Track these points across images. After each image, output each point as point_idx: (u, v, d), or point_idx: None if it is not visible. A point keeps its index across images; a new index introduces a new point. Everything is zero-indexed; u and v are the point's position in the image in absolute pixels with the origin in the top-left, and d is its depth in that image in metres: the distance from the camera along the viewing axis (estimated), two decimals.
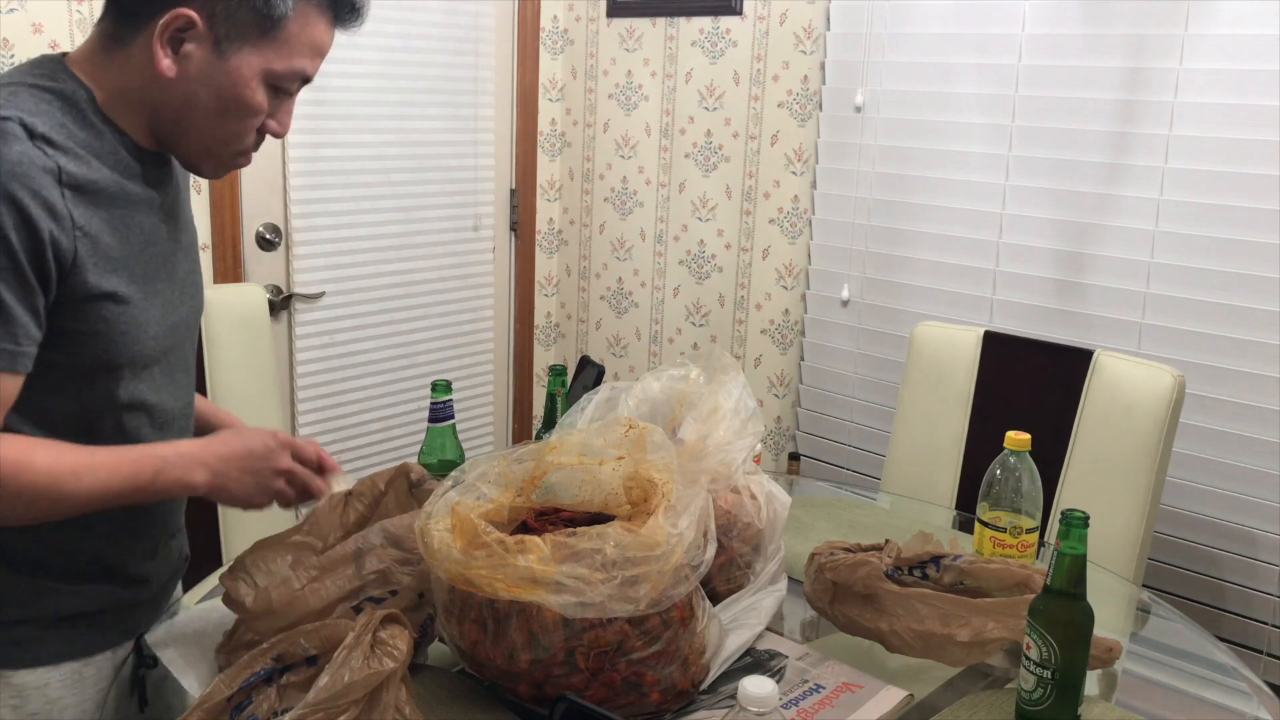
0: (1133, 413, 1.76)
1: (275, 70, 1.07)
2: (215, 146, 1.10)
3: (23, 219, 0.95)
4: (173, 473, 1.07)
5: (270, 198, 2.46)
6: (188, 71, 1.04)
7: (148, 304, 1.09)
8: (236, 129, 1.09)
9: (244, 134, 1.10)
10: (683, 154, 2.79)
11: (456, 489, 1.07)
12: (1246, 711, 1.20)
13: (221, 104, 1.06)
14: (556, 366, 1.62)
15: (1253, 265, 1.94)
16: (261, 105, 1.08)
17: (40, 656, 1.12)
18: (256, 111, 1.08)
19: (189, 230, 1.22)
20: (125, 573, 1.18)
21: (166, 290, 1.13)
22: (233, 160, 1.13)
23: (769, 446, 2.72)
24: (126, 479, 1.04)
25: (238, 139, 1.10)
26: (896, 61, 2.37)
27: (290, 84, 1.10)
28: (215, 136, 1.09)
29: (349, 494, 1.19)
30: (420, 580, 1.10)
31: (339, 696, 0.88)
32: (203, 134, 1.09)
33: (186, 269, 1.20)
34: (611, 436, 1.13)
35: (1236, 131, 1.93)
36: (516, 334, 3.09)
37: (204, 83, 1.05)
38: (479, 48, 2.78)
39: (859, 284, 2.50)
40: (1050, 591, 1.04)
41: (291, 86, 1.10)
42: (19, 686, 1.11)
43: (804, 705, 1.11)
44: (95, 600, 1.15)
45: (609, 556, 0.98)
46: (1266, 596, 1.97)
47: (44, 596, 1.11)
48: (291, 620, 1.05)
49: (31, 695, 1.11)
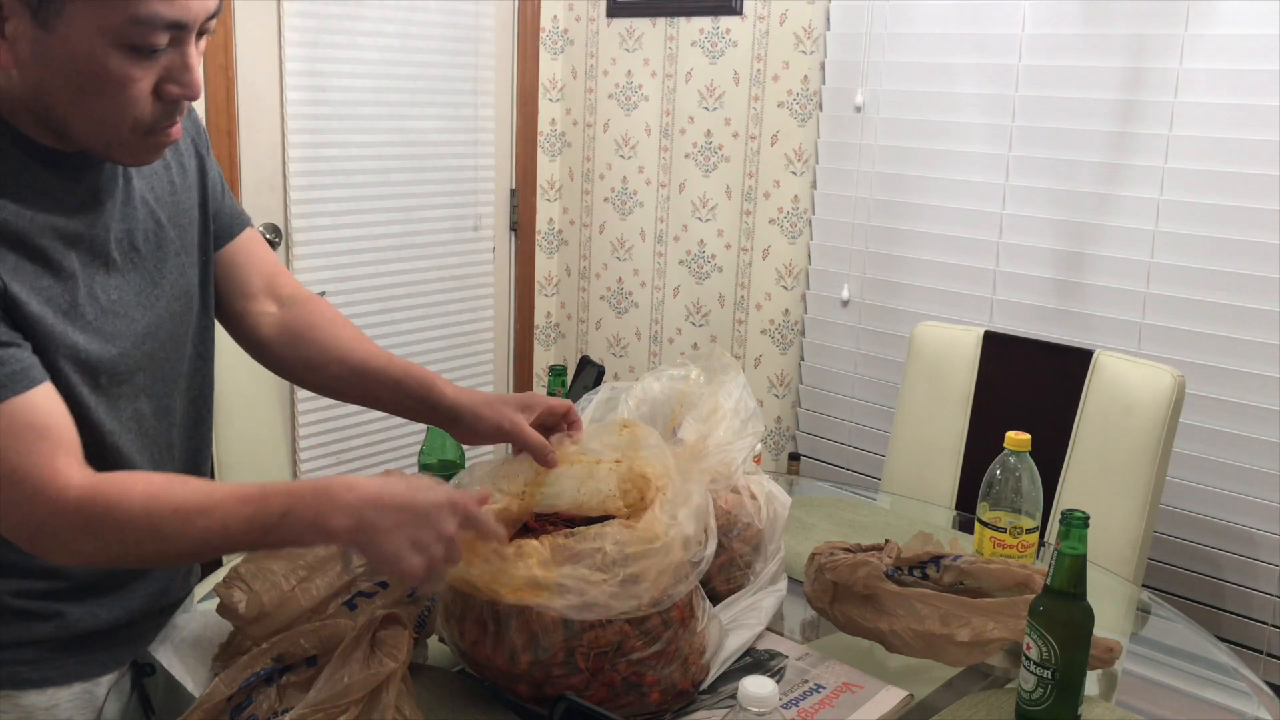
0: (1133, 413, 1.76)
1: (114, 25, 0.86)
2: (104, 131, 0.93)
3: None
4: (305, 514, 0.91)
5: (270, 198, 2.46)
6: (21, 56, 0.88)
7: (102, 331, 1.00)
8: (110, 107, 0.90)
9: (126, 110, 0.91)
10: (683, 154, 2.79)
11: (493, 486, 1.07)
12: (1246, 711, 1.20)
13: (74, 85, 0.89)
14: (556, 366, 1.62)
15: (1253, 265, 1.94)
16: (123, 73, 0.88)
17: (51, 677, 1.08)
18: (120, 83, 0.88)
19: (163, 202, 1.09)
20: (142, 590, 1.15)
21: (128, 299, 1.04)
22: (142, 142, 0.95)
23: (769, 446, 2.72)
24: (245, 521, 0.90)
25: (122, 118, 0.91)
26: (896, 61, 2.37)
27: (150, 37, 0.88)
28: (94, 121, 0.91)
29: None
30: None
31: (339, 696, 0.88)
32: (79, 122, 0.92)
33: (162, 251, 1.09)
34: (608, 439, 1.12)
35: (1236, 131, 1.93)
36: (516, 334, 3.09)
37: (43, 64, 0.88)
38: (479, 48, 2.78)
39: (859, 284, 2.50)
40: (1050, 591, 1.04)
41: (155, 40, 0.88)
42: (27, 708, 1.07)
43: (804, 705, 1.11)
44: (109, 619, 1.12)
45: (609, 554, 0.98)
46: (1266, 596, 1.97)
47: (57, 617, 1.08)
48: (285, 622, 1.05)
49: (39, 716, 1.08)
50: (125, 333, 1.04)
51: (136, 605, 1.15)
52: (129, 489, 0.91)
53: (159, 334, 1.09)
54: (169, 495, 0.91)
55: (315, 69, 2.44)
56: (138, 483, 0.92)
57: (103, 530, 0.90)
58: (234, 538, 0.92)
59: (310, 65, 2.43)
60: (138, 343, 1.05)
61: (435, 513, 0.93)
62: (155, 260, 1.08)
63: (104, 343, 1.01)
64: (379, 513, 0.91)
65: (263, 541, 0.93)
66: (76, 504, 0.90)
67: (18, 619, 1.06)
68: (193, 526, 0.91)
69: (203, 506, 0.91)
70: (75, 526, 0.90)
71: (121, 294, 1.03)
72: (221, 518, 0.91)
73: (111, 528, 0.90)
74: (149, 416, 1.10)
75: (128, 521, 0.90)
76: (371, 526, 0.91)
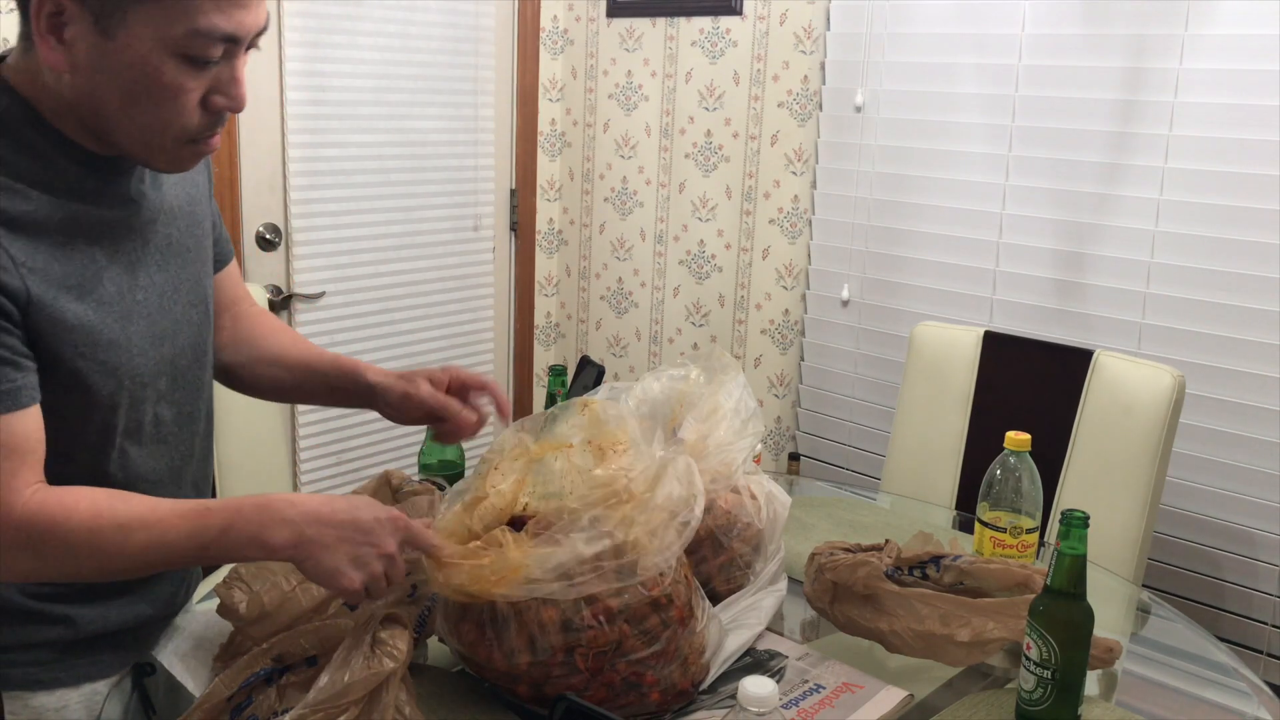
0: (1133, 413, 1.76)
1: (174, 36, 0.88)
2: (149, 138, 0.95)
3: None
4: (246, 529, 0.93)
5: (270, 198, 2.46)
6: (78, 61, 0.90)
7: (124, 325, 1.01)
8: (160, 115, 0.93)
9: (174, 119, 0.93)
10: (683, 154, 2.79)
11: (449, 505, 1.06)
12: (1246, 711, 1.20)
13: (127, 91, 0.91)
14: (556, 366, 1.63)
15: (1253, 265, 1.94)
16: (176, 82, 0.91)
17: (61, 679, 1.09)
18: (173, 92, 0.91)
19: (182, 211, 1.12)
20: (151, 593, 1.15)
21: (151, 300, 1.06)
22: (184, 150, 0.97)
23: (769, 446, 2.72)
24: (186, 536, 0.92)
25: (168, 127, 0.94)
26: (896, 61, 2.37)
27: (206, 50, 0.90)
28: (141, 127, 0.94)
29: None
30: (412, 569, 1.09)
31: (339, 696, 0.88)
32: (126, 128, 0.94)
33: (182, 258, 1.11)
34: (572, 421, 1.12)
35: (1236, 131, 1.93)
36: (516, 334, 3.09)
37: (99, 70, 0.90)
38: (479, 48, 2.78)
39: (859, 284, 2.50)
40: (1050, 591, 1.04)
41: (210, 52, 0.91)
42: (37, 709, 1.08)
43: (804, 705, 1.11)
44: (118, 621, 1.12)
45: (572, 509, 0.99)
46: (1266, 596, 1.97)
47: (66, 620, 1.08)
48: (285, 622, 1.05)
49: (49, 718, 1.08)
50: (146, 334, 1.05)
51: (146, 608, 1.16)
52: (73, 506, 0.92)
53: (178, 339, 1.10)
54: (111, 512, 0.93)
55: (315, 69, 2.44)
56: (82, 499, 0.93)
57: (44, 547, 0.92)
58: (174, 551, 0.93)
59: (310, 65, 2.43)
60: (157, 344, 1.06)
61: (376, 529, 0.95)
62: (176, 266, 1.10)
63: (126, 342, 1.02)
64: (320, 528, 0.93)
65: (203, 556, 0.94)
66: (20, 520, 0.91)
67: (28, 621, 1.07)
68: (133, 541, 0.92)
69: (145, 521, 0.92)
70: (16, 544, 0.91)
71: (146, 295, 1.05)
72: (161, 532, 0.92)
73: (53, 544, 0.92)
74: (169, 422, 1.11)
75: (69, 535, 0.91)
76: (311, 542, 0.93)
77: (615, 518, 1.00)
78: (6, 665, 1.07)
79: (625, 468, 1.03)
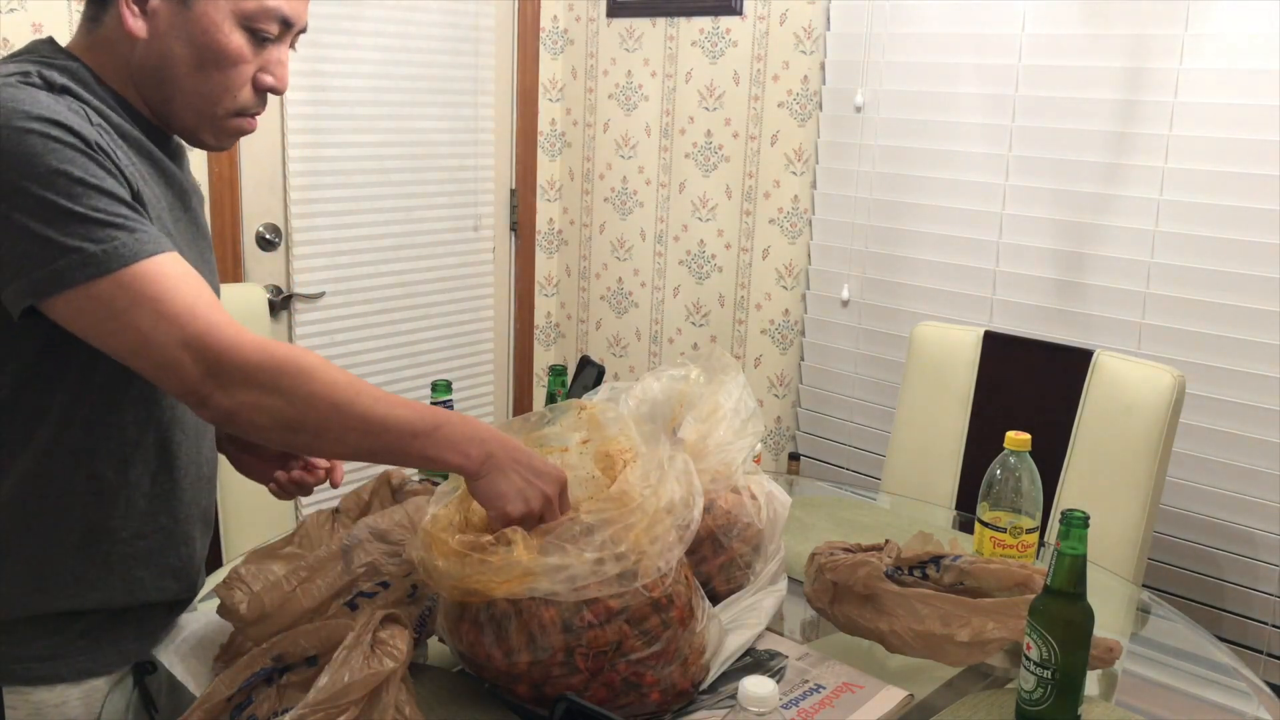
0: (1133, 413, 1.76)
1: (246, 10, 1.04)
2: (205, 106, 1.07)
3: (77, 136, 0.94)
4: (453, 434, 1.00)
5: (270, 198, 2.46)
6: (158, 28, 1.03)
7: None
8: (220, 81, 1.06)
9: (231, 88, 1.06)
10: (683, 154, 2.79)
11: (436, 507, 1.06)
12: (1246, 711, 1.20)
13: (197, 55, 1.04)
14: (556, 366, 1.63)
15: (1253, 265, 1.94)
16: (240, 51, 1.05)
17: (62, 674, 1.09)
18: (235, 59, 1.05)
19: (204, 234, 1.21)
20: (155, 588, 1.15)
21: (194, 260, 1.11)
22: (229, 123, 1.09)
23: (769, 446, 2.72)
24: (404, 420, 0.99)
25: (225, 94, 1.07)
26: (896, 61, 2.37)
27: (267, 25, 1.06)
28: (200, 94, 1.06)
29: (336, 510, 1.19)
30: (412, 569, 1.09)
31: (339, 696, 0.88)
32: (187, 93, 1.06)
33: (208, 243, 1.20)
34: (569, 422, 1.13)
35: (1236, 131, 1.93)
36: (516, 334, 3.09)
37: (175, 36, 1.03)
38: (479, 48, 2.78)
39: (859, 284, 2.50)
40: (1050, 591, 1.04)
41: (270, 29, 1.06)
42: (37, 704, 1.08)
43: (804, 705, 1.11)
44: (120, 617, 1.13)
45: (584, 522, 0.99)
46: (1266, 596, 1.97)
47: (69, 615, 1.09)
48: (286, 623, 1.05)
49: (49, 713, 1.09)
50: None
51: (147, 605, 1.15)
52: (303, 350, 0.99)
53: None
54: (341, 370, 1.00)
55: (315, 69, 2.44)
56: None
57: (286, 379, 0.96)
58: (390, 428, 0.99)
59: (310, 65, 2.43)
60: None
61: (546, 473, 1.04)
62: (201, 246, 1.19)
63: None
64: (509, 457, 1.02)
65: (410, 446, 0.99)
66: (255, 345, 0.97)
67: (28, 615, 1.07)
68: (363, 398, 0.98)
69: (370, 390, 0.99)
70: (251, 364, 0.96)
71: (190, 256, 1.10)
72: (389, 406, 0.99)
73: (296, 376, 0.96)
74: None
75: (312, 370, 0.97)
76: (497, 463, 1.01)
77: (621, 526, 1.00)
78: (7, 660, 1.07)
79: (637, 481, 1.03)
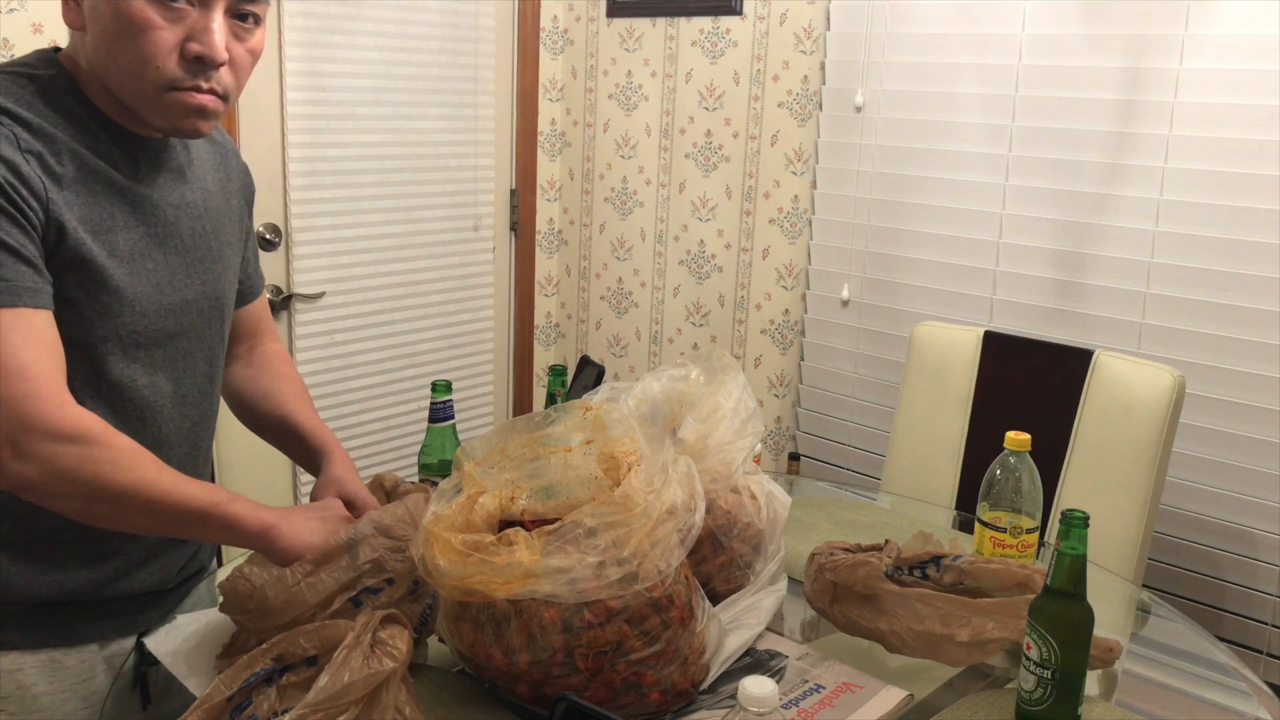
0: (1133, 413, 1.76)
1: None
2: (131, 82, 1.04)
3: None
4: (244, 505, 1.06)
5: (270, 198, 2.46)
6: (84, 15, 1.05)
7: (131, 280, 1.08)
8: (136, 52, 1.02)
9: (149, 58, 1.02)
10: (683, 154, 2.79)
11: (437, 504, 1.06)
12: (1246, 711, 1.20)
13: (113, 28, 1.02)
14: (556, 366, 1.62)
15: (1253, 265, 1.94)
16: (145, 17, 1.01)
17: (13, 640, 1.12)
18: (143, 25, 1.01)
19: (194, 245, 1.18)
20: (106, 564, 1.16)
21: (162, 270, 1.12)
22: (168, 98, 1.04)
23: (769, 446, 2.73)
24: (201, 493, 1.03)
25: (146, 65, 1.02)
26: (896, 61, 2.37)
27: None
28: (122, 69, 1.03)
29: None
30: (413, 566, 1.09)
31: (339, 696, 0.88)
32: (116, 73, 1.04)
33: (202, 253, 1.18)
34: (573, 423, 1.12)
35: (1236, 131, 1.93)
36: (516, 334, 3.09)
37: (96, 17, 1.03)
38: (479, 48, 2.78)
39: (859, 284, 2.50)
40: (1050, 591, 1.04)
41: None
42: None
43: (804, 705, 1.11)
44: (75, 590, 1.14)
45: (588, 525, 0.99)
46: (1266, 596, 1.97)
47: (19, 582, 1.11)
48: (291, 618, 1.05)
49: (3, 679, 1.11)
50: (151, 299, 1.11)
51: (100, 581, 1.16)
52: (113, 430, 1.01)
53: (184, 319, 1.16)
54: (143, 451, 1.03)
55: (315, 69, 2.44)
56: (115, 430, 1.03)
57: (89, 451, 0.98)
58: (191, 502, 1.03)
59: (310, 65, 2.43)
60: (162, 315, 1.13)
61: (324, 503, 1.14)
62: (195, 260, 1.17)
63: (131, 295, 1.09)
64: (291, 512, 1.09)
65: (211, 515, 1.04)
66: (75, 420, 0.98)
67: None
68: (163, 476, 1.02)
69: (168, 469, 1.03)
70: (64, 437, 0.97)
71: (157, 266, 1.12)
72: (185, 483, 1.03)
73: (102, 450, 0.99)
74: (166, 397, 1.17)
75: (117, 446, 0.99)
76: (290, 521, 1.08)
77: (624, 530, 1.00)
78: None
79: (641, 485, 1.03)
